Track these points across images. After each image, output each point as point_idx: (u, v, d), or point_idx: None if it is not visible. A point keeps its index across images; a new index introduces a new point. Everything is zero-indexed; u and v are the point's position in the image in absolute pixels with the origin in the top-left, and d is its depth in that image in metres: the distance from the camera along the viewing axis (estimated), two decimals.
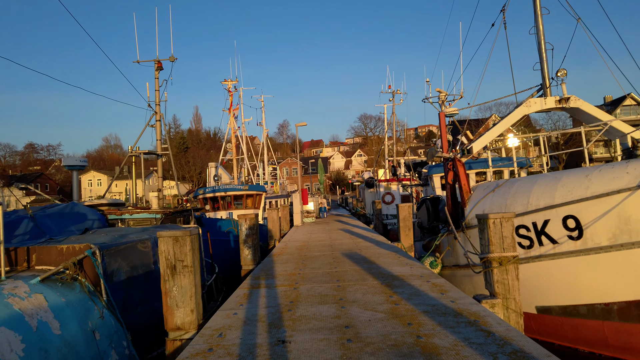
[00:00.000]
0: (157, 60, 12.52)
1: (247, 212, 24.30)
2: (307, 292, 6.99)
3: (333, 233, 17.16)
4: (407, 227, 13.13)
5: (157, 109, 12.20)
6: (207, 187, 25.06)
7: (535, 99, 11.58)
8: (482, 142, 11.58)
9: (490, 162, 11.65)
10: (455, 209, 12.06)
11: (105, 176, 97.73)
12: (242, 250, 10.90)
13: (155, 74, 12.41)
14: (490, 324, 4.89)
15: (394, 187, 31.28)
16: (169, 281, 5.66)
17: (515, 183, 10.21)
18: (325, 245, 13.31)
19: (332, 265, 9.46)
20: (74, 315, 4.92)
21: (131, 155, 10.98)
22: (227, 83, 27.64)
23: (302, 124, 24.47)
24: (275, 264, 10.16)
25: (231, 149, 27.16)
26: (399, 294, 6.55)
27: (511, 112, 11.70)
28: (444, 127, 12.29)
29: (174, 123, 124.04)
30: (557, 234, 9.05)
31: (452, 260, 12.06)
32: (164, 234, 5.65)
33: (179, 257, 5.67)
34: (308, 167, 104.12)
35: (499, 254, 6.13)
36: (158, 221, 9.38)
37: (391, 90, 34.05)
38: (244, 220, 10.88)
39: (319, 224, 22.65)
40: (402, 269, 8.59)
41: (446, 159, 12.11)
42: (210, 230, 18.09)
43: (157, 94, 12.35)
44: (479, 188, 11.36)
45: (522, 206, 9.60)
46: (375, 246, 12.36)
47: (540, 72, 11.70)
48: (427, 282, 7.24)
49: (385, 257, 10.15)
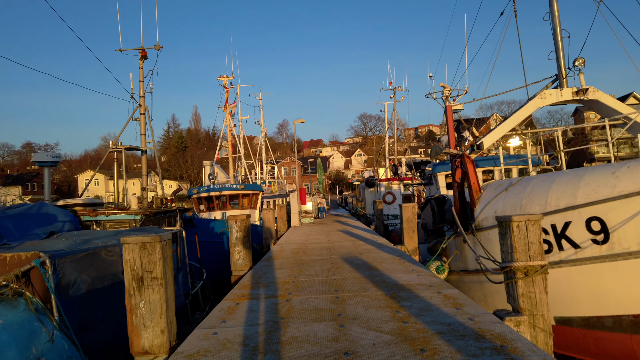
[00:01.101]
0: (141, 48, 11.58)
1: (242, 212, 23.41)
2: (301, 305, 6.10)
3: (332, 235, 16.27)
4: (411, 228, 12.24)
5: (141, 101, 11.27)
6: (202, 186, 24.15)
7: (550, 91, 10.68)
8: (493, 137, 10.69)
9: (502, 159, 10.75)
10: (463, 210, 11.16)
11: (103, 175, 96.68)
12: (233, 255, 10.01)
13: (140, 63, 11.46)
14: (522, 351, 4.00)
15: (395, 187, 30.39)
16: (135, 296, 4.77)
17: (531, 181, 9.32)
18: (324, 248, 12.42)
19: (331, 272, 8.58)
20: (13, 340, 4.04)
21: (112, 151, 10.10)
22: (222, 79, 26.73)
23: (300, 120, 23.57)
24: (268, 269, 9.27)
25: (227, 146, 26.25)
26: (406, 308, 5.66)
27: (524, 105, 10.81)
28: (451, 122, 11.39)
29: (173, 123, 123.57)
30: (579, 238, 8.16)
31: (460, 265, 11.17)
32: (130, 240, 4.76)
33: (147, 267, 4.78)
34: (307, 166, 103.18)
35: (525, 263, 5.24)
36: (138, 223, 8.51)
37: (392, 86, 33.15)
38: (235, 221, 10.00)
39: (318, 225, 21.76)
40: (408, 276, 7.70)
41: (454, 156, 11.22)
42: (202, 231, 17.20)
43: (142, 85, 11.41)
44: (489, 187, 10.47)
45: (540, 206, 8.70)
46: (377, 249, 11.47)
47: (556, 61, 10.80)
48: (438, 293, 6.35)
49: (389, 263, 9.26)
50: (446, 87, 20.50)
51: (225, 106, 26.87)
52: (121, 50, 11.81)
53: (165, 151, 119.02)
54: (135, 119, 11.22)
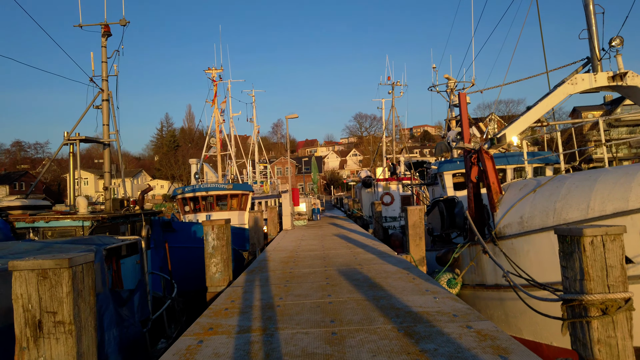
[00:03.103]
0: (104, 24, 9.87)
1: (231, 214, 21.77)
2: (286, 348, 4.51)
3: (327, 240, 14.68)
4: (418, 235, 10.68)
5: (103, 86, 9.60)
6: (187, 186, 22.49)
7: (582, 75, 9.16)
8: (517, 128, 9.14)
9: (526, 155, 9.22)
10: (479, 214, 9.63)
11: (92, 175, 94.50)
12: (208, 268, 8.40)
13: (102, 41, 9.74)
14: None
15: (393, 187, 28.86)
16: (30, 351, 3.16)
17: (566, 181, 7.79)
18: (317, 257, 10.84)
19: (325, 291, 7.00)
20: None
21: (68, 143, 8.45)
22: (210, 71, 25.06)
23: (293, 115, 21.96)
24: (250, 286, 7.68)
25: (215, 144, 24.59)
26: (430, 355, 4.09)
27: (551, 91, 9.28)
28: (465, 111, 9.80)
29: (167, 122, 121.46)
30: (633, 250, 6.64)
31: (476, 279, 9.62)
32: (22, 266, 3.16)
33: (49, 306, 3.17)
34: (302, 166, 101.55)
35: (602, 296, 3.68)
36: (87, 230, 6.88)
37: (390, 81, 31.57)
38: (211, 227, 8.39)
39: (312, 228, 20.16)
40: (423, 299, 6.13)
41: (468, 151, 9.67)
42: (183, 236, 15.53)
43: (104, 66, 9.72)
44: (512, 187, 8.93)
45: (580, 212, 7.18)
46: (378, 259, 9.91)
47: (588, 41, 9.29)
48: (468, 328, 4.78)
49: (396, 278, 7.68)
50: (451, 79, 18.99)
51: (214, 100, 25.20)
52: (81, 26, 10.12)
53: (158, 150, 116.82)
54: (96, 107, 9.55)
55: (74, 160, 8.65)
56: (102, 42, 9.76)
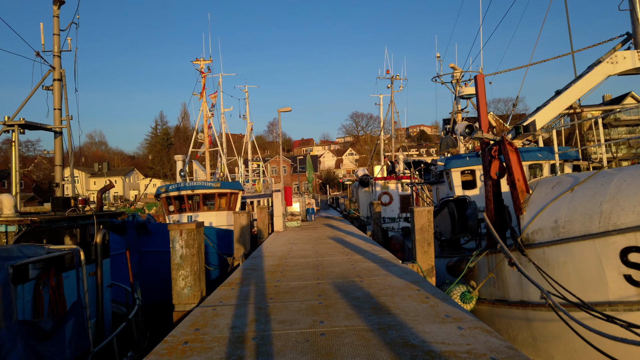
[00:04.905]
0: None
1: (218, 214, 20.26)
2: None
3: (321, 244, 13.20)
4: (426, 240, 9.20)
5: (55, 63, 8.04)
6: (171, 184, 20.94)
7: (624, 53, 7.72)
8: (547, 114, 7.71)
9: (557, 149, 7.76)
10: (499, 217, 8.19)
11: (84, 173, 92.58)
12: (176, 282, 6.91)
13: (54, 9, 8.15)
14: None
15: (392, 186, 27.41)
16: None
17: (613, 178, 6.35)
18: (309, 265, 9.36)
19: (317, 315, 5.52)
20: None
21: (6, 130, 6.95)
22: (198, 62, 23.50)
23: (286, 109, 20.44)
24: (223, 306, 6.19)
25: (203, 139, 23.04)
26: None
27: (586, 72, 7.84)
28: (482, 95, 8.29)
29: (161, 120, 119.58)
30: None
31: (496, 293, 8.16)
32: None
33: None
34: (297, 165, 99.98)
35: None
36: (11, 237, 5.35)
37: (389, 75, 30.08)
38: (179, 233, 6.89)
39: (305, 230, 18.67)
40: (445, 331, 4.66)
41: (487, 143, 8.21)
42: (160, 239, 13.96)
43: (57, 39, 8.13)
44: (542, 185, 7.48)
45: (636, 215, 5.74)
46: (381, 269, 8.44)
47: (630, 14, 7.85)
48: None
49: (404, 297, 6.21)
50: (457, 69, 17.56)
51: (202, 93, 23.65)
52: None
53: (151, 149, 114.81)
54: (46, 87, 8.00)
55: (15, 150, 7.12)
56: (53, 11, 8.20)
